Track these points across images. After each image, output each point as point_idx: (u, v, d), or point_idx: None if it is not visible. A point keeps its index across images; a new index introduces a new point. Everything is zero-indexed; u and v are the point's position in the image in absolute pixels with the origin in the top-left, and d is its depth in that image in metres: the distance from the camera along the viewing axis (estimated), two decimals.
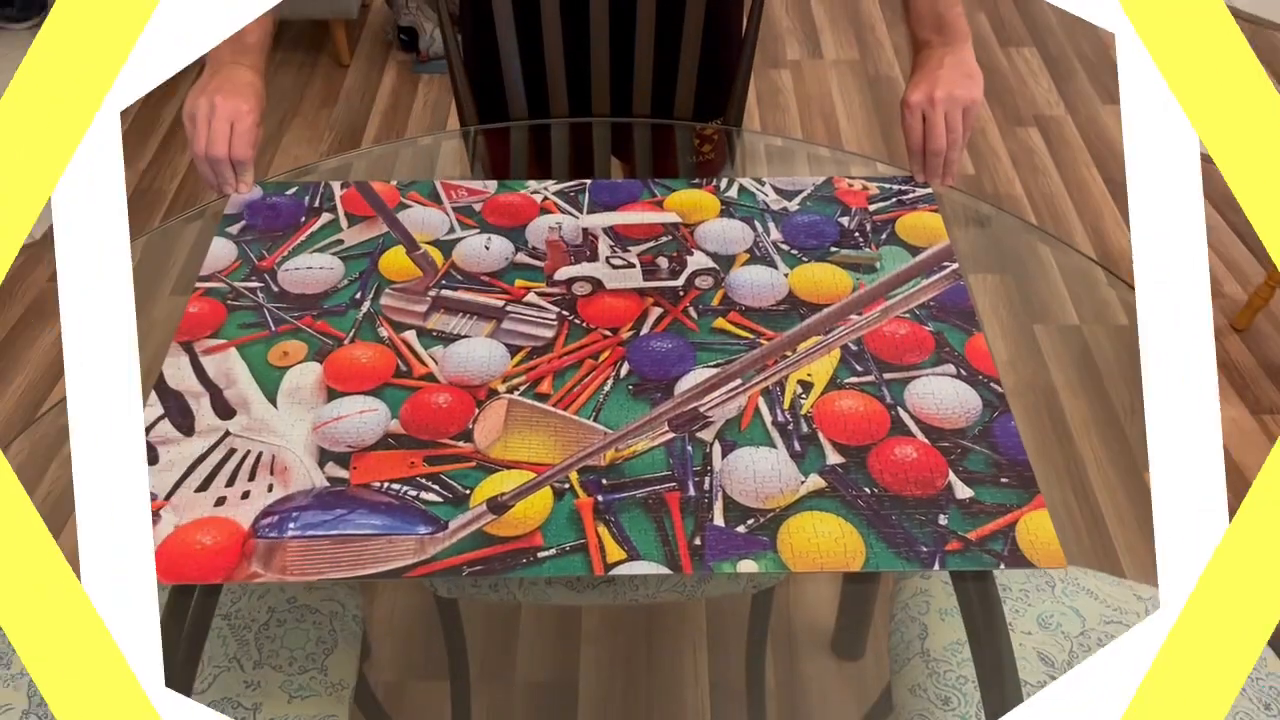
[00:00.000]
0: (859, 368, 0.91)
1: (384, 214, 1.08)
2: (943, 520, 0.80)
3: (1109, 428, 1.70)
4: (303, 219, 1.07)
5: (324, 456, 0.84)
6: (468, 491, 0.81)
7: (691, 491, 0.81)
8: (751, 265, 1.02)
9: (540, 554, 0.78)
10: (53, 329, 2.21)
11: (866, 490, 0.82)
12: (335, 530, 0.79)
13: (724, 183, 1.12)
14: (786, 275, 1.00)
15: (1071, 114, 2.43)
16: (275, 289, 0.99)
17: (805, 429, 0.86)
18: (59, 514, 1.62)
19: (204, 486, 0.82)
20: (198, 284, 1.00)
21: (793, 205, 1.09)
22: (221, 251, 1.04)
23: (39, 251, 2.45)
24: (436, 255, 1.03)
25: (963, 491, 0.81)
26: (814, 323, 0.95)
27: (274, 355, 0.92)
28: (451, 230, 1.06)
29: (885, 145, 2.31)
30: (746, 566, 0.77)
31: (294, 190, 1.11)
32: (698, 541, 0.78)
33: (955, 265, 1.01)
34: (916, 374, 0.90)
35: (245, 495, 0.81)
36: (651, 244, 1.04)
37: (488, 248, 1.03)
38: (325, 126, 2.40)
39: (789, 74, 2.55)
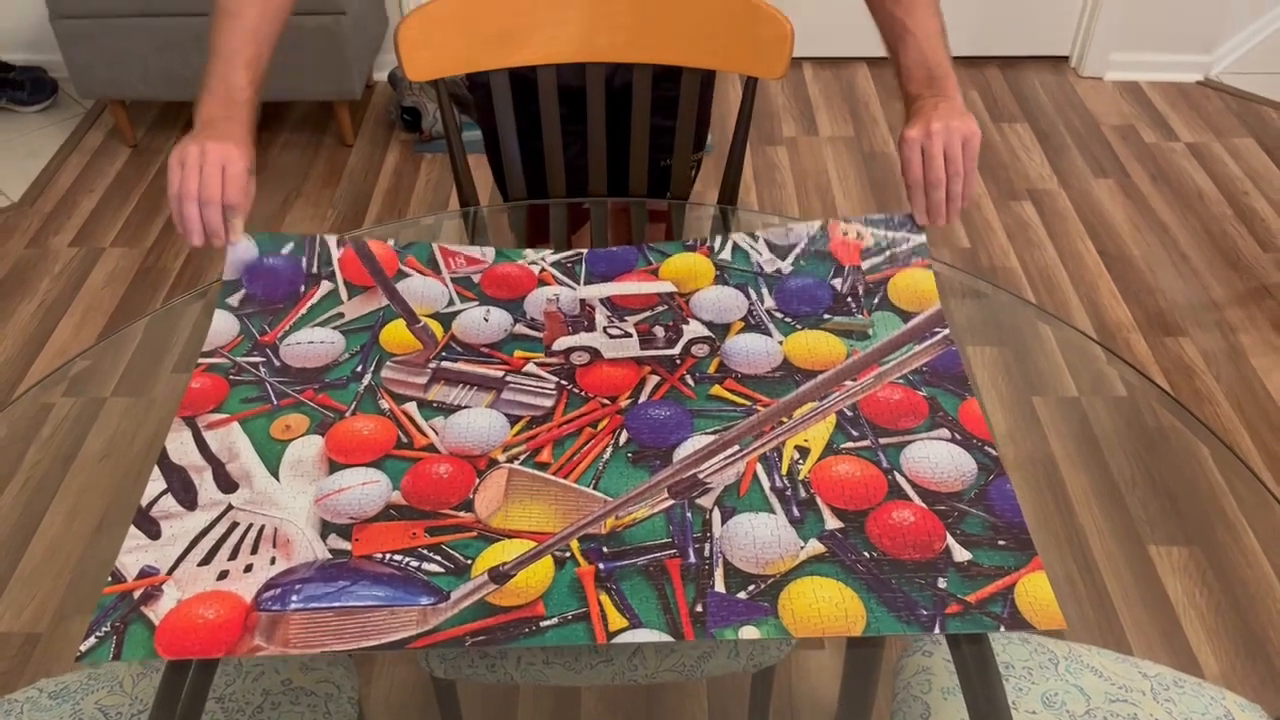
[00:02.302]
0: (855, 433, 0.91)
1: (384, 284, 1.07)
2: (942, 583, 0.79)
3: (1110, 500, 1.70)
4: (303, 288, 1.06)
5: (326, 528, 0.84)
6: (469, 561, 0.81)
7: (692, 559, 0.81)
8: (746, 333, 1.02)
9: (543, 623, 0.77)
10: (32, 300, 2.20)
11: (865, 554, 0.81)
12: (338, 602, 0.78)
13: (718, 242, 1.11)
14: (781, 343, 1.01)
15: (1065, 188, 2.46)
16: (277, 364, 0.99)
17: (803, 494, 0.85)
18: (38, 502, 1.61)
19: (207, 560, 0.82)
20: (201, 359, 1.00)
21: (786, 265, 1.08)
22: (224, 326, 1.03)
23: (15, 217, 2.43)
24: (437, 328, 1.03)
25: (961, 554, 0.81)
26: (809, 389, 0.95)
27: (276, 429, 0.92)
28: (451, 303, 1.06)
29: (880, 211, 2.34)
30: (748, 633, 0.77)
31: (290, 248, 1.09)
32: (699, 609, 0.78)
33: (946, 331, 1.01)
34: (912, 438, 0.90)
35: (248, 569, 0.81)
36: (648, 313, 1.04)
37: (486, 320, 1.04)
38: (328, 205, 2.43)
39: (785, 151, 2.59)
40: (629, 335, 1.01)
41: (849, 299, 1.05)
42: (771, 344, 1.01)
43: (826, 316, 1.03)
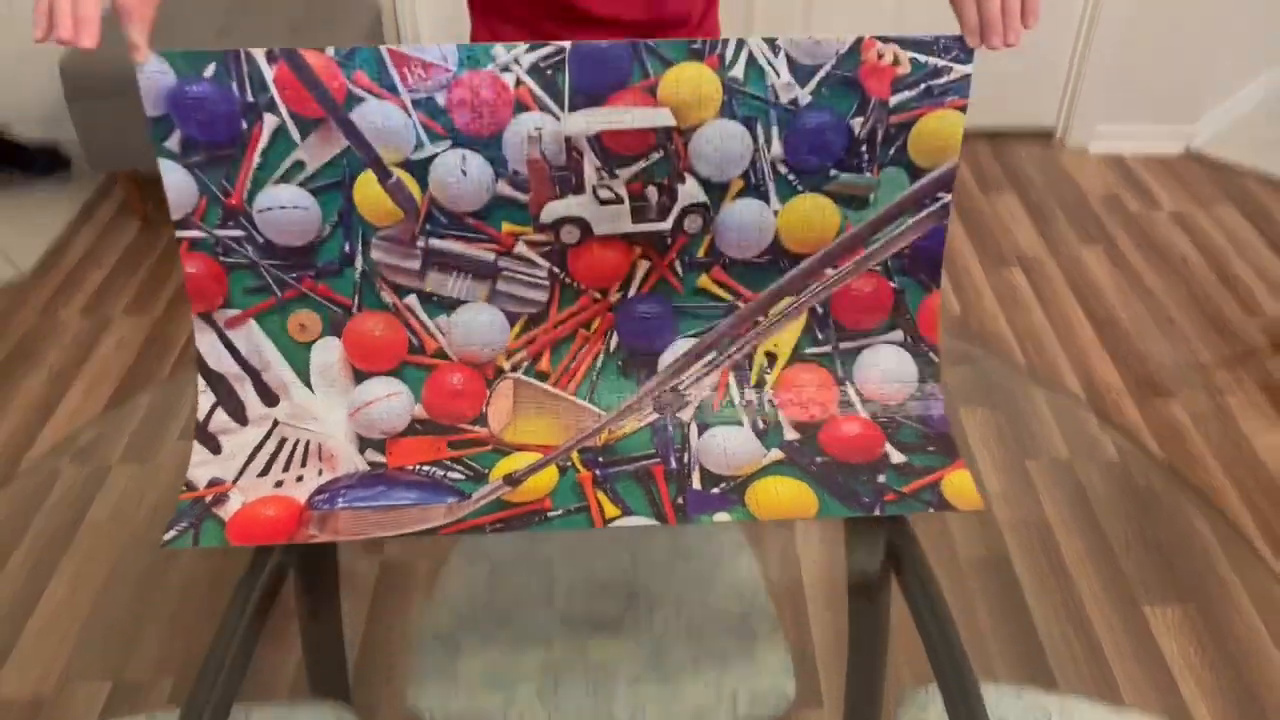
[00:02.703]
0: (820, 336, 1.01)
1: (335, 115, 0.94)
2: (881, 479, 0.95)
3: (1104, 562, 1.72)
4: (244, 125, 0.93)
5: (363, 443, 0.97)
6: (486, 471, 0.95)
7: (673, 465, 0.96)
8: (744, 199, 0.97)
9: (549, 514, 0.92)
10: (39, 371, 2.22)
11: (818, 459, 0.96)
12: (377, 502, 0.93)
13: (730, 50, 0.94)
14: (776, 213, 0.97)
15: (1053, 255, 2.52)
16: (260, 239, 0.96)
17: (767, 408, 0.99)
18: (43, 568, 1.62)
19: (265, 472, 0.95)
20: (178, 232, 0.96)
21: (805, 92, 0.95)
22: (180, 183, 0.95)
23: (26, 289, 2.49)
24: (411, 184, 0.96)
25: (897, 458, 0.97)
26: (789, 281, 1.00)
27: (293, 328, 0.99)
28: (419, 144, 0.94)
29: None
30: (721, 517, 0.92)
31: (213, 69, 0.92)
32: (680, 500, 0.93)
33: (948, 199, 0.98)
34: (868, 342, 1.01)
35: (300, 479, 0.94)
36: (641, 163, 0.96)
37: (465, 173, 0.95)
38: None
39: None
40: (620, 200, 0.96)
41: (863, 148, 0.96)
42: (766, 214, 0.97)
43: (833, 173, 0.97)
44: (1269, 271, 2.47)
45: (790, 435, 0.98)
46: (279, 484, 0.94)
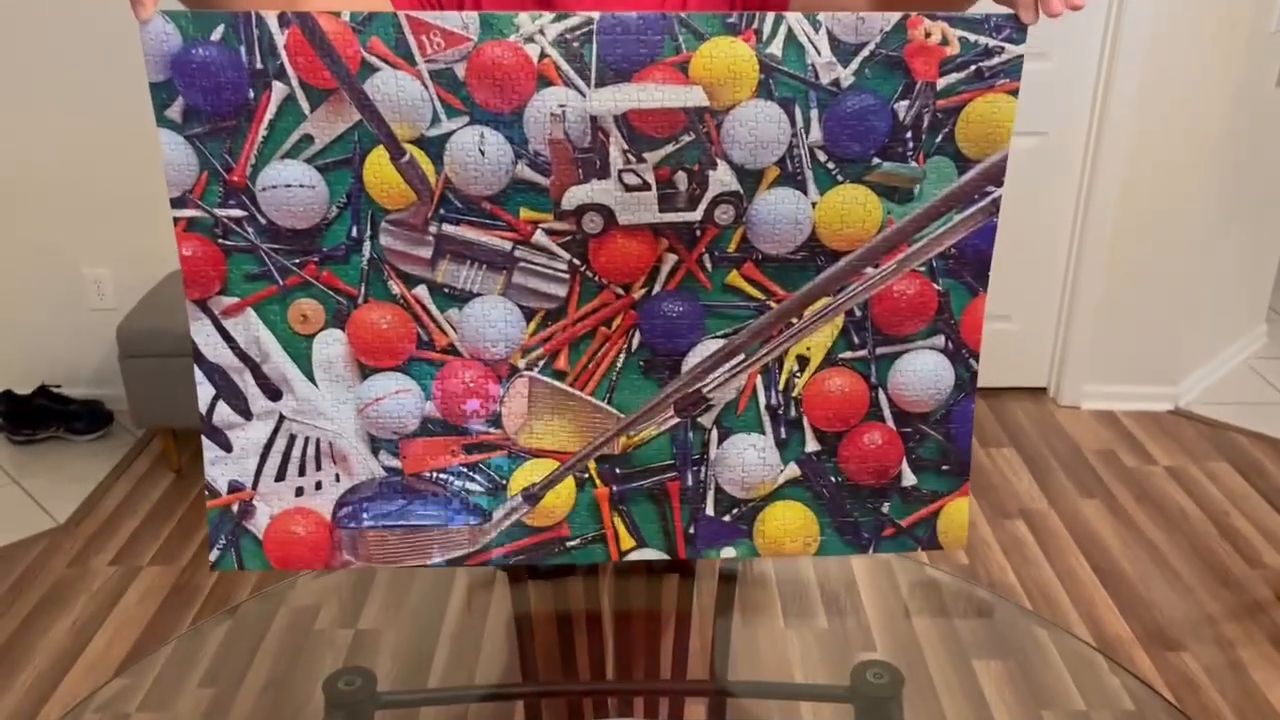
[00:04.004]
0: (856, 340, 0.96)
1: (348, 85, 0.88)
2: (885, 508, 0.96)
3: None
4: (251, 94, 0.88)
5: (374, 443, 0.95)
6: (504, 482, 0.95)
7: (689, 481, 0.96)
8: (779, 188, 0.91)
9: (568, 543, 0.96)
10: (66, 619, 2.24)
11: (832, 480, 0.96)
12: (401, 521, 0.94)
13: (769, 25, 0.87)
14: (814, 204, 0.91)
15: (1054, 508, 2.60)
16: (262, 220, 0.90)
17: (793, 413, 0.96)
18: None
19: (281, 476, 0.94)
20: (174, 211, 0.90)
21: (847, 74, 0.89)
22: (179, 157, 0.89)
23: (59, 538, 2.52)
24: (425, 164, 0.89)
25: (909, 479, 0.97)
26: (826, 280, 0.93)
27: (294, 318, 0.93)
28: (436, 119, 0.89)
29: None
30: (727, 553, 0.96)
31: (221, 32, 0.86)
32: (692, 531, 0.96)
33: (998, 193, 0.91)
34: (907, 347, 0.96)
35: (319, 486, 0.94)
36: (671, 146, 0.89)
37: (483, 152, 0.89)
38: None
39: None
40: (647, 187, 0.90)
41: (908, 134, 0.90)
42: (803, 206, 0.91)
43: (876, 161, 0.91)
44: (1268, 524, 2.53)
45: (811, 446, 0.96)
46: (300, 491, 0.94)
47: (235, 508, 0.94)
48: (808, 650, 1.90)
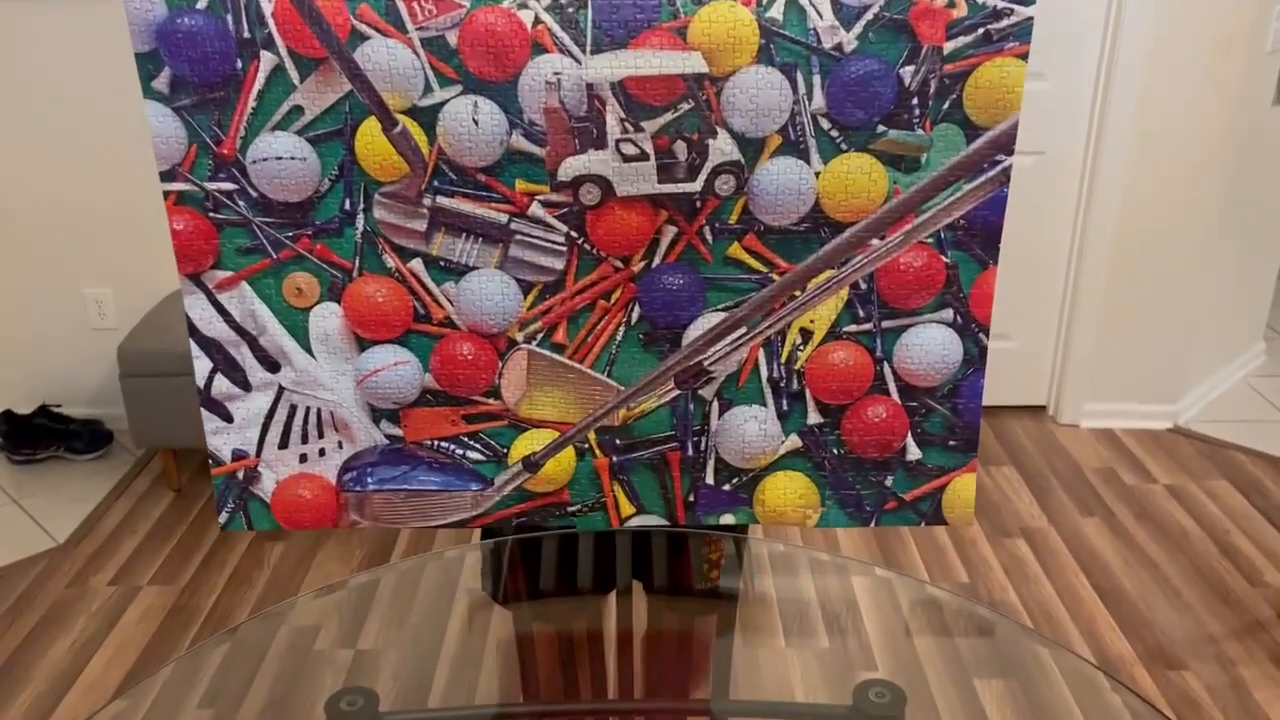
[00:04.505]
0: (861, 313, 0.92)
1: (338, 54, 0.86)
2: (889, 482, 0.95)
3: None
4: (239, 64, 0.86)
5: (376, 414, 0.95)
6: (505, 450, 0.96)
7: (690, 451, 0.95)
8: (781, 157, 0.88)
9: (569, 509, 0.96)
10: (65, 639, 2.23)
11: (834, 452, 0.95)
12: (405, 485, 0.95)
13: None
14: (817, 174, 0.89)
15: (1054, 526, 2.60)
16: (254, 194, 0.89)
17: (795, 385, 0.94)
18: None
19: (284, 444, 0.95)
20: (164, 186, 0.89)
21: (850, 38, 0.86)
22: (167, 129, 0.87)
23: (58, 558, 2.52)
24: (418, 134, 0.88)
25: (913, 454, 0.95)
26: (830, 251, 0.90)
27: (289, 292, 0.92)
28: (428, 88, 0.87)
29: (883, 557, 2.46)
30: (726, 519, 0.96)
31: (207, 1, 0.85)
32: (691, 498, 0.96)
33: (1008, 162, 0.89)
34: (914, 321, 0.93)
35: (322, 453, 0.95)
36: (670, 115, 0.87)
37: (476, 121, 0.87)
38: (357, 544, 2.56)
39: None
40: (645, 157, 0.87)
41: (914, 100, 0.87)
42: (806, 175, 0.89)
43: (881, 129, 0.88)
44: (1268, 543, 2.53)
45: (814, 418, 0.94)
46: (303, 458, 0.95)
47: (240, 474, 0.95)
48: (809, 670, 1.90)
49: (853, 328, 0.93)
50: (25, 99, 2.77)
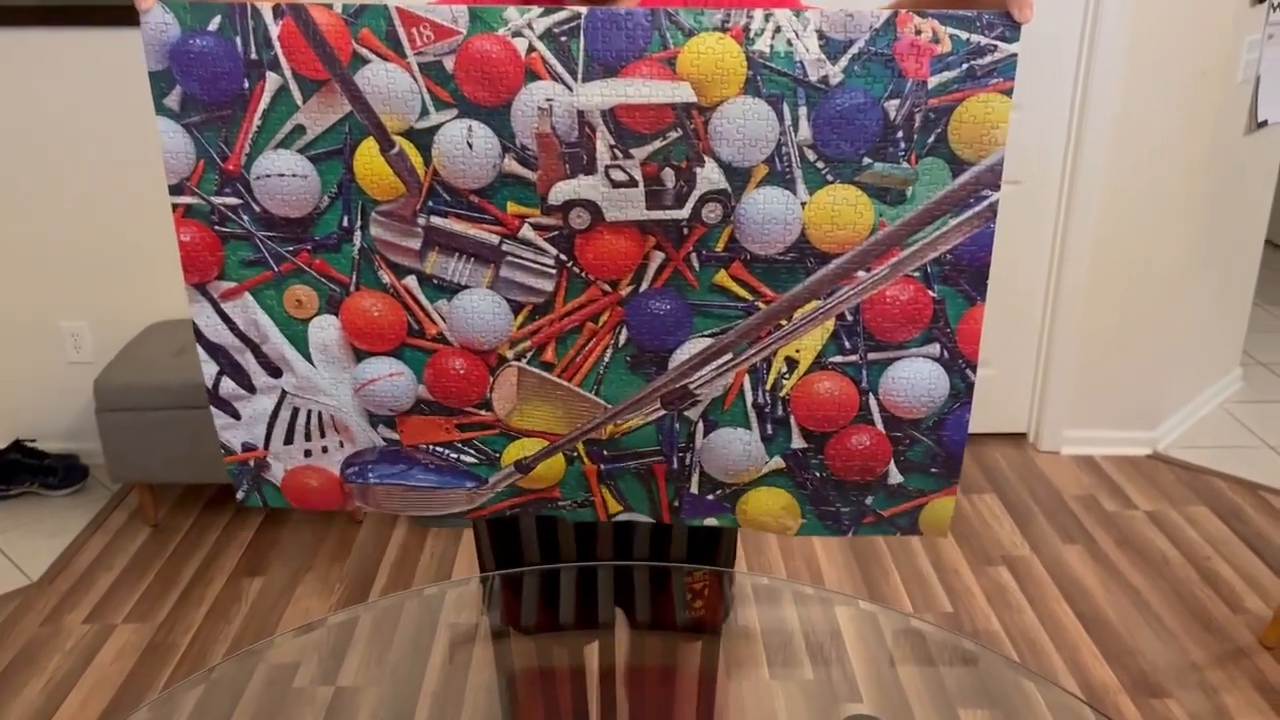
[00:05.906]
0: (848, 345, 0.93)
1: (339, 77, 0.89)
2: (869, 500, 0.97)
3: None
4: (246, 84, 0.90)
5: (373, 419, 0.99)
6: (497, 454, 0.99)
7: (675, 465, 0.98)
8: (767, 187, 0.89)
9: (559, 503, 1.00)
10: (39, 678, 2.20)
11: (817, 474, 0.96)
12: (404, 481, 0.99)
13: (757, 21, 0.86)
14: (804, 205, 0.89)
15: (1036, 553, 2.60)
16: (257, 208, 0.93)
17: (780, 412, 0.96)
18: None
19: (289, 440, 1.00)
20: (172, 199, 0.93)
21: (836, 71, 0.87)
22: (177, 145, 0.92)
23: (32, 596, 2.47)
24: (414, 156, 0.91)
25: (895, 478, 0.96)
26: (816, 282, 0.91)
27: (289, 303, 0.97)
28: (425, 111, 0.90)
29: (866, 586, 2.45)
30: (710, 522, 0.99)
31: (218, 22, 0.89)
32: (676, 504, 0.99)
33: (994, 198, 0.89)
34: (900, 354, 0.93)
35: (325, 450, 1.00)
36: (658, 143, 0.89)
37: (470, 145, 0.89)
38: (336, 579, 2.53)
39: None
40: (634, 183, 0.89)
41: (899, 134, 0.88)
42: (792, 206, 0.89)
43: (866, 162, 0.89)
44: (1248, 569, 2.54)
45: (798, 443, 0.96)
46: (308, 453, 1.01)
47: (252, 463, 1.00)
48: (793, 702, 1.88)
49: (839, 359, 0.94)
50: None
